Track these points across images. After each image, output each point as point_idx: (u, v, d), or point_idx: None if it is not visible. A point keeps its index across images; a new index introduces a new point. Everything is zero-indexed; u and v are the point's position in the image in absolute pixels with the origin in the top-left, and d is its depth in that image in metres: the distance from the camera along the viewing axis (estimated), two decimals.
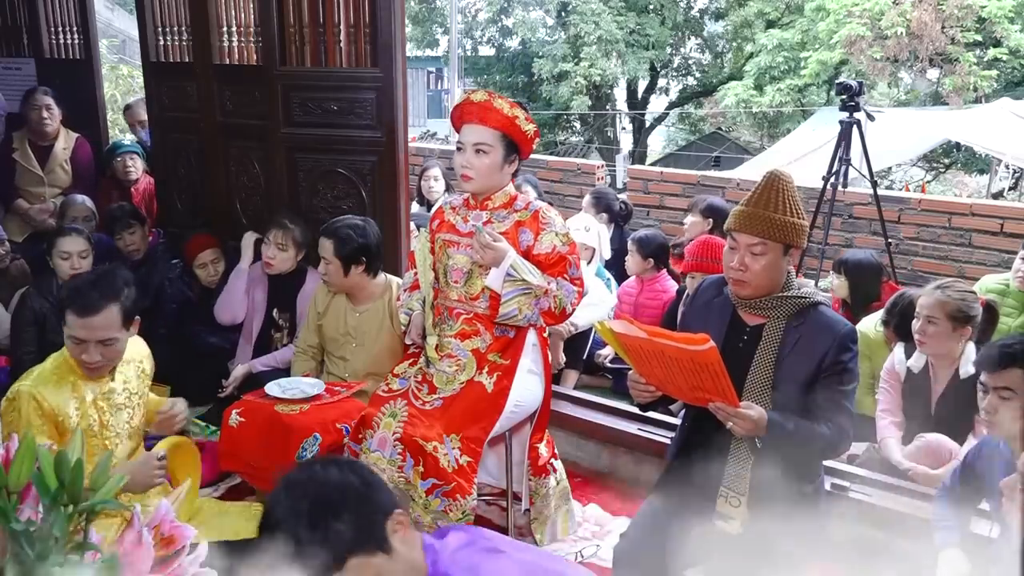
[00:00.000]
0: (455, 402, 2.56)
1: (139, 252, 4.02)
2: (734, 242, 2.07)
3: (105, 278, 2.19)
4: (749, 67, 14.05)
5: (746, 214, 2.04)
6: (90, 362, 2.16)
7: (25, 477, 1.09)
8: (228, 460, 2.83)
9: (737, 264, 2.05)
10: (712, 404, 1.94)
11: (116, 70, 10.19)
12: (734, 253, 2.07)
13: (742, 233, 2.04)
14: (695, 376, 1.89)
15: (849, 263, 3.75)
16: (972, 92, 11.06)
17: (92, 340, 2.12)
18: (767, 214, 2.01)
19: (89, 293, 2.12)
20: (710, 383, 1.89)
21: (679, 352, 1.83)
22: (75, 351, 2.16)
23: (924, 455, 2.75)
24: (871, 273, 3.73)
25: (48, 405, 2.13)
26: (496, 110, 2.48)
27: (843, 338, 2.04)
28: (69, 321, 2.12)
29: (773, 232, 2.01)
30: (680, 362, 1.87)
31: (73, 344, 2.15)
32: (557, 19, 15.65)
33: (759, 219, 2.01)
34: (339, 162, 3.59)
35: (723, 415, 1.94)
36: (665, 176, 5.99)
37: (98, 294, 2.12)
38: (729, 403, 1.92)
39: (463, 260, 2.61)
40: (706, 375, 1.87)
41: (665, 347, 1.86)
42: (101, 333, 2.13)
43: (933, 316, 2.74)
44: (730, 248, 2.09)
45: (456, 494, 2.42)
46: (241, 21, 3.84)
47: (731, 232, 2.08)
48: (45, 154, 4.56)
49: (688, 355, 1.83)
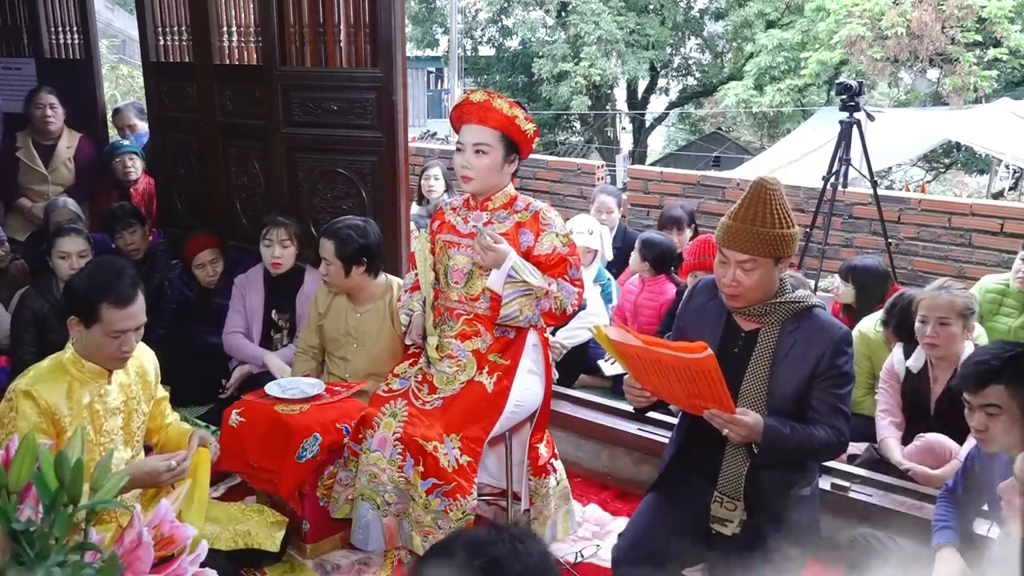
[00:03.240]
0: (455, 402, 2.56)
1: (139, 252, 4.02)
2: (724, 257, 2.05)
3: (119, 267, 2.19)
4: (749, 67, 14.05)
5: (734, 230, 2.02)
6: (129, 350, 2.18)
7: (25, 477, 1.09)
8: (228, 460, 2.83)
9: (729, 280, 2.04)
10: (707, 412, 1.94)
11: (116, 70, 10.19)
12: (725, 268, 2.05)
13: (731, 250, 2.03)
14: (691, 384, 1.89)
15: (857, 270, 3.66)
16: (972, 92, 11.06)
17: (132, 328, 2.14)
18: (755, 229, 1.98)
19: (120, 284, 2.12)
20: (707, 390, 1.89)
21: (676, 360, 1.83)
22: (111, 346, 2.15)
23: (924, 455, 2.75)
24: (879, 280, 3.65)
25: (45, 403, 2.12)
26: (495, 110, 2.48)
27: (838, 342, 2.04)
28: (109, 317, 2.10)
29: (762, 248, 1.99)
30: (677, 370, 1.87)
31: (109, 339, 2.13)
32: (557, 19, 15.64)
33: (748, 236, 1.99)
34: (339, 162, 3.59)
35: (719, 422, 1.94)
36: (665, 176, 6.00)
37: (128, 282, 2.14)
38: (725, 410, 1.92)
39: (463, 261, 2.61)
40: (703, 383, 1.87)
41: (661, 355, 1.86)
42: (140, 318, 2.16)
43: (946, 317, 2.72)
44: (720, 263, 2.07)
45: (456, 494, 2.42)
46: (241, 21, 3.84)
47: (721, 248, 2.06)
48: (49, 153, 4.57)
49: (685, 363, 1.82)
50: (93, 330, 2.12)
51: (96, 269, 2.21)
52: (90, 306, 2.11)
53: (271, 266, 3.44)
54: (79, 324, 2.14)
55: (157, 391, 2.46)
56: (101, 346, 2.15)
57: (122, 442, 2.28)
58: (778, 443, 1.98)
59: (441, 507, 2.43)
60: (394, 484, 2.52)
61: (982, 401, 1.92)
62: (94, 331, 2.13)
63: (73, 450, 1.11)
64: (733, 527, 2.07)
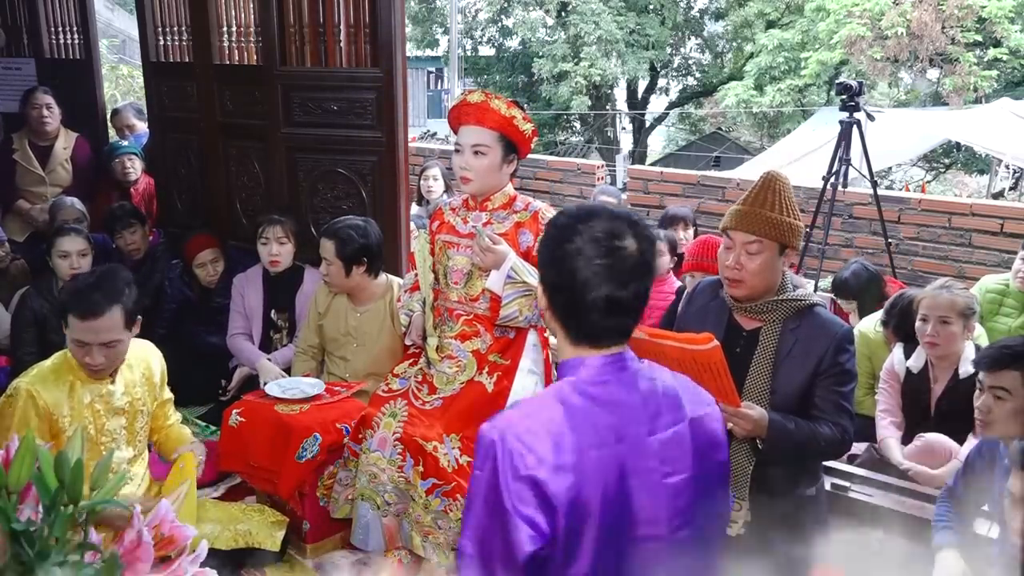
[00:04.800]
0: (455, 402, 2.56)
1: (139, 252, 4.02)
2: (730, 241, 2.06)
3: (106, 279, 2.16)
4: (749, 67, 14.05)
5: (742, 213, 2.04)
6: (93, 364, 2.14)
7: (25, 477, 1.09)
8: (228, 460, 2.83)
9: (733, 263, 2.04)
10: None
11: (116, 70, 10.20)
12: (729, 252, 2.06)
13: (738, 231, 2.04)
14: (696, 376, 1.88)
15: (850, 284, 3.52)
16: (972, 92, 11.06)
17: (96, 343, 2.11)
18: (763, 213, 2.01)
19: (91, 295, 2.09)
20: (711, 383, 1.89)
21: (681, 352, 1.83)
22: (78, 354, 2.14)
23: (924, 455, 2.75)
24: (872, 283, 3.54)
25: (43, 402, 2.11)
26: (493, 110, 2.48)
27: (840, 340, 2.04)
28: (72, 324, 2.10)
29: (769, 230, 2.01)
30: (681, 362, 1.86)
31: (76, 347, 2.13)
32: (557, 19, 15.65)
33: (755, 217, 2.01)
34: (339, 162, 3.59)
35: (724, 416, 1.94)
36: (665, 176, 5.99)
37: (100, 296, 2.10)
38: (730, 403, 1.92)
39: (463, 261, 2.61)
40: (708, 375, 1.87)
41: (666, 347, 1.85)
42: (105, 335, 2.11)
43: (947, 316, 2.72)
44: (725, 248, 2.08)
45: (456, 494, 2.42)
46: (241, 21, 3.84)
47: (727, 231, 2.08)
48: (45, 154, 4.55)
49: (690, 355, 1.82)
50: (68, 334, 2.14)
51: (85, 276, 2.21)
52: (63, 311, 2.13)
53: (269, 264, 3.43)
54: (64, 327, 2.16)
55: (163, 392, 2.46)
56: (72, 351, 2.16)
57: (124, 442, 2.28)
58: (783, 438, 1.98)
59: (441, 507, 2.43)
60: (394, 484, 2.52)
61: (993, 383, 1.97)
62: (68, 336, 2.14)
63: (73, 450, 1.11)
64: (738, 528, 2.07)
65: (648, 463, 1.31)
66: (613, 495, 1.28)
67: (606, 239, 1.30)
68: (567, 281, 1.32)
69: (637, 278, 1.32)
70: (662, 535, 1.33)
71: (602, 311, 1.31)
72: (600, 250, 1.30)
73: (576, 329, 1.34)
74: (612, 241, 1.30)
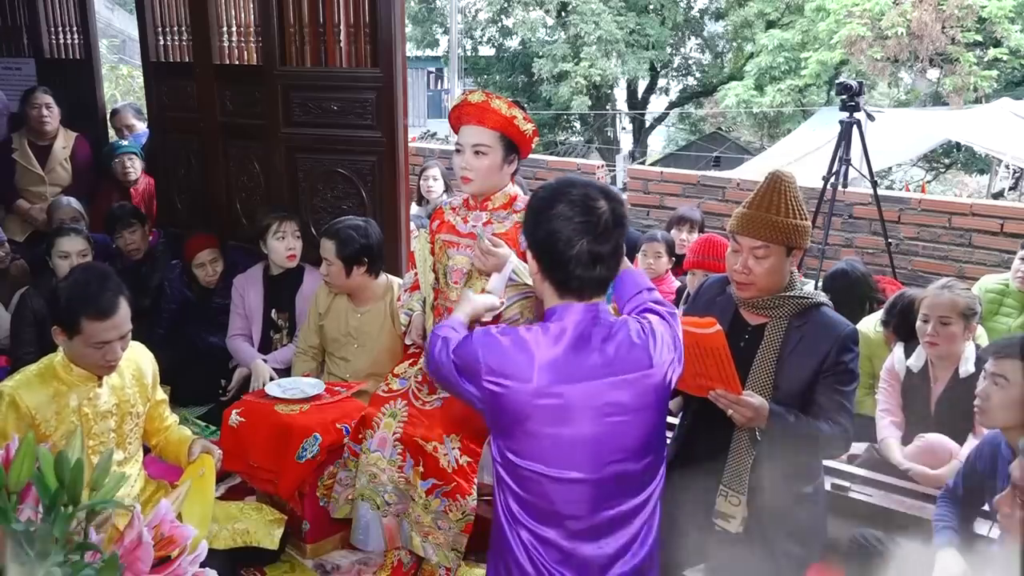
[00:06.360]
0: (455, 402, 2.55)
1: (139, 251, 4.02)
2: (737, 244, 2.07)
3: (100, 275, 2.15)
4: (749, 67, 14.05)
5: (748, 217, 2.05)
6: (115, 360, 2.15)
7: (25, 477, 1.09)
8: (228, 460, 2.82)
9: (740, 267, 2.05)
10: (713, 392, 1.94)
11: (116, 70, 10.19)
12: (737, 256, 2.07)
13: (745, 236, 2.04)
14: (699, 362, 1.89)
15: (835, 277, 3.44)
16: (972, 92, 11.06)
17: (116, 338, 2.11)
18: (769, 217, 2.01)
19: (101, 295, 2.07)
20: (714, 369, 1.89)
21: (685, 335, 1.83)
22: (95, 356, 2.12)
23: (924, 455, 2.74)
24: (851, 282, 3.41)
25: (25, 407, 2.10)
26: (494, 110, 2.47)
27: (844, 339, 2.04)
28: (90, 329, 2.06)
29: (776, 235, 2.01)
30: (685, 346, 1.87)
31: (93, 350, 2.10)
32: (557, 19, 15.65)
33: (761, 222, 2.02)
34: (339, 162, 3.59)
35: (724, 403, 1.95)
36: (665, 176, 5.99)
37: (110, 293, 2.09)
38: (731, 390, 1.92)
39: (463, 261, 2.61)
40: (710, 360, 1.87)
41: None
42: (124, 327, 2.13)
43: (947, 316, 2.72)
44: (733, 251, 2.09)
45: (456, 494, 2.42)
46: (241, 21, 3.84)
47: (734, 235, 2.08)
48: (45, 153, 4.56)
49: (694, 338, 1.83)
50: (75, 341, 2.10)
51: (77, 280, 2.15)
52: (72, 319, 2.08)
53: (287, 258, 3.40)
54: (62, 334, 2.12)
55: (155, 393, 2.44)
56: (85, 356, 2.13)
57: (114, 444, 2.26)
58: (782, 429, 1.98)
59: (441, 507, 2.43)
60: (394, 484, 2.52)
61: (994, 369, 2.01)
62: (76, 342, 2.11)
63: (73, 450, 1.11)
64: (737, 524, 2.07)
65: (595, 402, 1.56)
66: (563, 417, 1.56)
67: (581, 201, 1.56)
68: (552, 240, 1.56)
69: (612, 232, 1.58)
70: (603, 462, 1.58)
71: (585, 264, 1.56)
72: (577, 210, 1.55)
73: (564, 284, 1.59)
74: (587, 203, 1.56)
